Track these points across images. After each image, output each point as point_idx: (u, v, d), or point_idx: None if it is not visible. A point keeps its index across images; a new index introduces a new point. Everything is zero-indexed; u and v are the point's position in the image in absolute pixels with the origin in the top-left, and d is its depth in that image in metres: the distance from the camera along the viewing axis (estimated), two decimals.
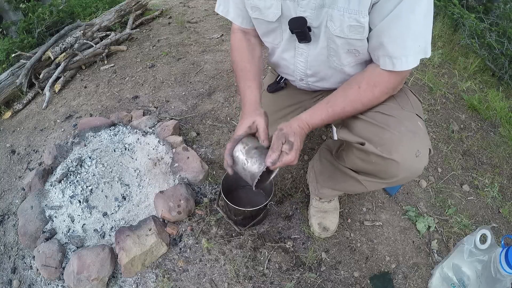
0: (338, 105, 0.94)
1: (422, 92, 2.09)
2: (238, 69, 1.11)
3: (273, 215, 1.44)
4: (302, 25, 0.93)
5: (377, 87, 0.92)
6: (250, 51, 1.12)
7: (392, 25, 0.82)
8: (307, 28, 0.94)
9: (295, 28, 0.94)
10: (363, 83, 0.93)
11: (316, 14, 0.90)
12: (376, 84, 0.92)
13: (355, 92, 0.93)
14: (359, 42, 0.90)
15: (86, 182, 1.45)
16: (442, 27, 2.84)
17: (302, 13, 0.91)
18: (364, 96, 0.93)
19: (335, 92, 0.96)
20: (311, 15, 0.91)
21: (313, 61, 1.05)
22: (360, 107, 0.95)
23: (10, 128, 2.11)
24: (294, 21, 0.93)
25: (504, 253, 1.02)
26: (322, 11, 0.89)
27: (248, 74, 1.07)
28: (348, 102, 0.94)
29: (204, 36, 2.75)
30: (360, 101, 0.93)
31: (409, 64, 0.86)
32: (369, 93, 0.93)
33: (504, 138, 1.90)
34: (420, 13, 0.81)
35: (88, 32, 2.64)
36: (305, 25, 0.92)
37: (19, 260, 1.38)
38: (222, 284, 1.24)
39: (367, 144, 0.93)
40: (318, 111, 0.95)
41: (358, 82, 0.93)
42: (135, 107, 2.01)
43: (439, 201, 1.53)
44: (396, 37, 0.84)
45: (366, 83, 0.92)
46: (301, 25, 0.93)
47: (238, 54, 1.12)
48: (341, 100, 0.94)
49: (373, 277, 1.27)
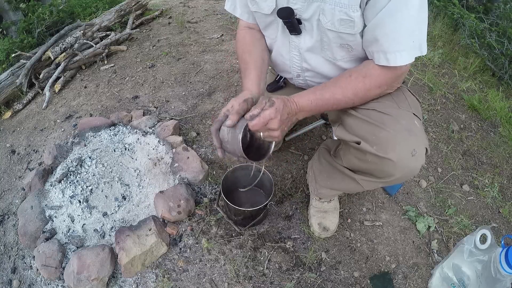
0: (327, 90, 0.95)
1: (422, 92, 2.09)
2: (241, 62, 1.14)
3: (273, 215, 1.44)
4: (289, 15, 0.96)
5: (367, 78, 0.93)
6: (253, 44, 1.14)
7: (385, 20, 0.83)
8: (296, 20, 0.97)
9: (283, 18, 0.98)
10: (354, 73, 0.94)
11: (307, 6, 0.93)
12: (367, 75, 0.93)
13: (346, 79, 0.94)
14: (351, 37, 0.92)
15: (86, 182, 1.45)
16: (442, 27, 2.84)
17: (293, 5, 0.95)
18: (355, 85, 0.93)
19: (328, 81, 0.98)
20: (302, 7, 0.94)
21: (306, 53, 1.06)
22: (351, 96, 0.94)
23: (10, 128, 2.11)
24: (282, 11, 0.96)
25: (504, 253, 1.02)
26: (313, 5, 0.92)
27: (249, 66, 1.09)
28: (338, 88, 0.94)
29: (204, 36, 2.75)
30: (350, 89, 0.94)
31: (403, 60, 0.86)
32: (359, 82, 0.93)
33: (504, 138, 1.90)
34: (413, 7, 0.81)
35: (88, 32, 2.64)
36: (292, 15, 0.95)
37: (19, 260, 1.38)
38: (222, 284, 1.24)
39: (363, 143, 0.93)
40: (306, 92, 0.96)
41: (350, 72, 0.95)
42: (135, 107, 2.01)
43: (439, 201, 1.53)
44: (389, 32, 0.84)
45: (357, 73, 0.94)
46: (288, 15, 0.96)
47: (240, 47, 1.15)
48: (331, 85, 0.95)
49: (373, 277, 1.27)
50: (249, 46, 1.14)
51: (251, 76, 1.05)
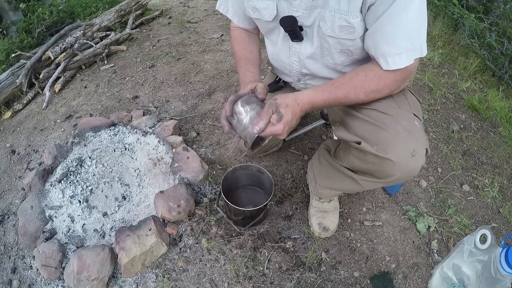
0: (342, 89, 0.93)
1: (422, 92, 2.09)
2: (238, 58, 1.16)
3: (273, 215, 1.44)
4: (293, 24, 0.96)
5: (382, 80, 0.92)
6: (249, 42, 1.17)
7: (385, 24, 0.84)
8: (299, 27, 0.97)
9: (286, 27, 0.98)
10: (370, 73, 0.93)
11: (308, 13, 0.93)
12: (382, 76, 0.92)
13: (362, 79, 0.93)
14: (351, 42, 0.93)
15: (86, 182, 1.45)
16: (442, 27, 2.84)
17: (295, 13, 0.95)
18: (369, 85, 0.93)
19: (341, 77, 0.96)
20: (303, 14, 0.94)
21: (306, 60, 1.07)
22: (362, 97, 0.94)
23: (10, 128, 2.11)
24: (285, 20, 0.97)
25: (504, 253, 1.02)
26: (315, 12, 0.92)
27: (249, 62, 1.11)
28: (353, 88, 0.93)
29: (204, 36, 2.75)
30: (364, 89, 0.93)
31: (402, 62, 0.87)
32: (374, 83, 0.93)
33: (504, 138, 1.90)
34: (413, 11, 0.82)
35: (88, 32, 2.64)
36: (295, 23, 0.96)
37: (19, 260, 1.38)
38: (222, 284, 1.24)
39: (363, 143, 0.93)
40: (321, 90, 0.94)
41: (365, 71, 0.94)
42: (135, 107, 2.01)
43: (439, 201, 1.53)
44: (388, 36, 0.85)
45: (373, 73, 0.93)
46: (291, 24, 0.96)
47: (238, 45, 1.17)
48: (346, 84, 0.94)
49: (373, 277, 1.27)
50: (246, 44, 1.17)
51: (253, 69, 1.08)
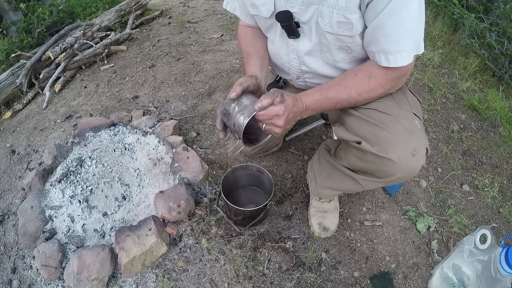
0: (332, 89, 0.95)
1: (422, 92, 2.09)
2: (242, 54, 1.16)
3: (273, 215, 1.44)
4: (288, 19, 0.96)
5: (372, 78, 0.93)
6: (254, 38, 1.17)
7: (386, 21, 0.83)
8: (295, 24, 0.97)
9: (282, 21, 0.98)
10: (359, 72, 0.95)
11: (304, 9, 0.93)
12: (372, 75, 0.93)
13: (351, 79, 0.95)
14: (349, 39, 0.92)
15: (86, 182, 1.45)
16: (442, 27, 2.84)
17: (291, 8, 0.95)
18: (359, 84, 0.94)
19: (333, 79, 0.99)
20: (300, 10, 0.94)
21: (305, 56, 1.07)
22: (355, 96, 0.95)
23: (10, 128, 2.11)
24: (280, 15, 0.97)
25: (504, 253, 1.02)
26: (311, 8, 0.92)
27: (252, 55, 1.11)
28: (343, 87, 0.95)
29: (204, 36, 2.75)
30: (355, 88, 0.94)
31: (403, 60, 0.87)
32: (364, 82, 0.93)
33: (504, 138, 1.90)
34: (413, 8, 0.82)
35: (88, 32, 2.64)
36: (290, 18, 0.96)
37: (19, 260, 1.38)
38: (222, 284, 1.24)
39: (364, 143, 0.94)
40: (312, 91, 0.97)
41: (355, 71, 0.95)
42: (135, 107, 2.01)
43: (439, 201, 1.53)
44: (390, 33, 0.84)
45: (362, 72, 0.94)
46: (287, 19, 0.96)
47: (243, 41, 1.18)
48: (336, 84, 0.96)
49: (373, 277, 1.27)
50: (252, 40, 1.16)
51: (253, 62, 1.08)
